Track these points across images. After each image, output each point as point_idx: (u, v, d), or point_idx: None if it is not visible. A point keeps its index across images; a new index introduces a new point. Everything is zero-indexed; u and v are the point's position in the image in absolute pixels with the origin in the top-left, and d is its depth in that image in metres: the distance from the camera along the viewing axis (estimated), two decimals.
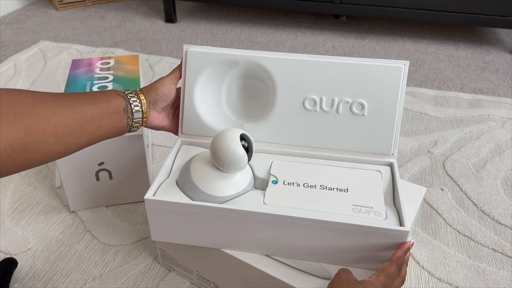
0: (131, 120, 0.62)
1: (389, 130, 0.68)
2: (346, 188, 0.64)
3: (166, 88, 0.67)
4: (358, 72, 0.68)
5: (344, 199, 0.62)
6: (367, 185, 0.65)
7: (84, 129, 0.55)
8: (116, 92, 0.61)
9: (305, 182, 0.65)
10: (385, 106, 0.68)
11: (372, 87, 0.68)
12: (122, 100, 0.61)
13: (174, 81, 0.69)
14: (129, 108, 0.62)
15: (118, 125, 0.60)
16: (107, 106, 0.58)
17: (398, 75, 0.70)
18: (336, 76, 0.68)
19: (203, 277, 0.73)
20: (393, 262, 0.55)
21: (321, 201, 0.62)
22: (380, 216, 0.60)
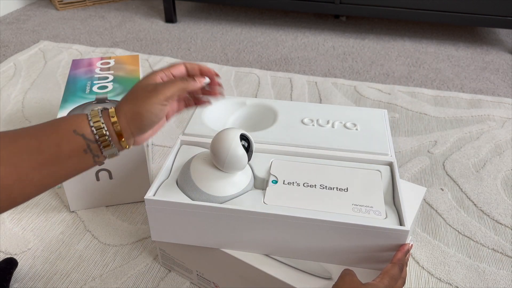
0: (102, 157, 0.50)
1: (383, 137, 0.75)
2: (346, 187, 0.64)
3: (156, 116, 0.50)
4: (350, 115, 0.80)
5: (344, 198, 0.62)
6: (367, 184, 0.65)
7: (24, 182, 0.45)
8: (74, 128, 0.47)
9: (305, 181, 0.65)
10: (375, 129, 0.77)
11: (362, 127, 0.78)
12: (80, 140, 0.47)
13: (167, 101, 0.50)
14: (94, 147, 0.48)
15: (79, 166, 0.48)
16: (56, 154, 0.46)
17: (382, 118, 0.80)
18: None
19: (203, 277, 0.73)
20: (395, 264, 0.55)
21: (321, 201, 0.62)
22: (380, 215, 0.59)
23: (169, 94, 0.50)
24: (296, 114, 0.79)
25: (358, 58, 1.60)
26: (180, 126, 1.18)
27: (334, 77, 1.46)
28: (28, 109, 1.25)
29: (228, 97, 0.83)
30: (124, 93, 0.97)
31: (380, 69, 1.52)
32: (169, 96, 0.50)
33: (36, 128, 0.47)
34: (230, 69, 1.49)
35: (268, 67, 1.52)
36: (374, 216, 0.60)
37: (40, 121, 1.19)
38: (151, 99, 0.49)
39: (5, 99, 1.30)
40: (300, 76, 1.45)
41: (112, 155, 0.50)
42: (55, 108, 1.25)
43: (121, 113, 0.50)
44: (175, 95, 0.51)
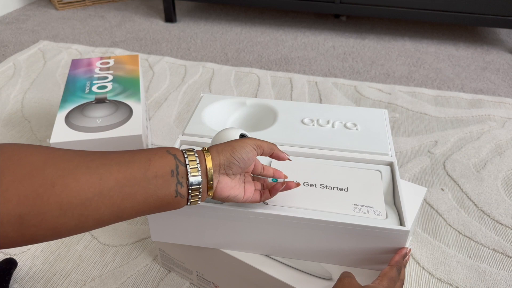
0: (185, 187, 0.47)
1: (383, 137, 0.74)
2: (346, 187, 0.64)
3: (247, 153, 0.52)
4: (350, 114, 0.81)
5: (344, 198, 0.62)
6: (367, 184, 0.64)
7: (104, 198, 0.42)
8: (167, 149, 0.48)
9: (305, 180, 0.65)
10: (375, 129, 0.77)
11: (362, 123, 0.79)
12: (171, 159, 0.46)
13: (257, 149, 0.54)
14: (181, 170, 0.47)
15: (161, 193, 0.45)
16: (145, 167, 0.45)
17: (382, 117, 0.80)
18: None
19: (203, 278, 0.73)
20: (393, 266, 0.56)
21: (322, 200, 0.62)
22: (381, 215, 0.59)
23: (259, 143, 0.54)
24: (296, 114, 0.79)
25: (359, 58, 1.60)
26: (180, 126, 1.18)
27: (334, 77, 1.46)
28: (27, 109, 1.25)
29: (228, 97, 0.83)
30: (123, 93, 0.97)
31: (380, 69, 1.52)
32: (259, 144, 0.54)
33: (129, 150, 0.48)
34: (230, 69, 1.49)
35: (268, 67, 1.52)
36: (375, 216, 0.59)
37: (40, 121, 1.20)
38: (247, 140, 0.53)
39: (4, 99, 1.30)
40: (300, 76, 1.44)
41: (194, 197, 0.48)
42: (54, 108, 1.25)
43: (213, 147, 0.52)
44: (265, 148, 0.54)
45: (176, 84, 1.39)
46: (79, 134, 0.84)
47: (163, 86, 1.37)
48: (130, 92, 0.97)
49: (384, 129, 0.76)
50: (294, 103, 0.83)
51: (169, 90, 1.35)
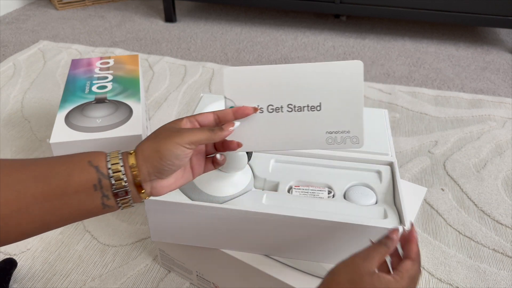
0: (112, 199, 0.45)
1: (383, 137, 0.73)
2: (318, 103, 0.51)
3: (177, 157, 0.46)
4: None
5: (316, 122, 0.51)
6: (344, 94, 0.51)
7: (23, 214, 0.41)
8: (89, 159, 0.44)
9: (269, 103, 0.51)
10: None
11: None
12: (93, 172, 0.43)
13: (191, 146, 0.46)
14: (105, 183, 0.44)
15: (86, 206, 0.44)
16: (64, 183, 0.42)
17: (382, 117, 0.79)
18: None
19: (203, 278, 0.73)
20: (415, 261, 0.46)
21: (289, 131, 0.52)
22: (358, 143, 0.51)
23: (194, 139, 0.46)
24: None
25: (359, 58, 1.60)
26: None
27: None
28: (27, 109, 1.25)
29: None
30: (123, 93, 0.97)
31: (380, 69, 1.52)
32: (193, 141, 0.46)
33: (51, 158, 0.45)
34: None
35: None
36: (350, 145, 0.51)
37: (40, 121, 1.20)
38: (173, 138, 0.46)
39: (4, 99, 1.30)
40: None
41: (125, 203, 0.46)
42: (54, 108, 1.25)
43: (139, 151, 0.46)
44: (200, 142, 0.47)
45: (176, 84, 1.39)
46: (79, 134, 0.84)
47: (163, 86, 1.37)
48: (130, 92, 0.97)
49: (384, 129, 0.75)
50: None
51: (169, 90, 1.35)
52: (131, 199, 0.46)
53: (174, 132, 0.46)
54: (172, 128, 0.47)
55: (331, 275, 0.45)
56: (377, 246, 0.46)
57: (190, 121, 0.49)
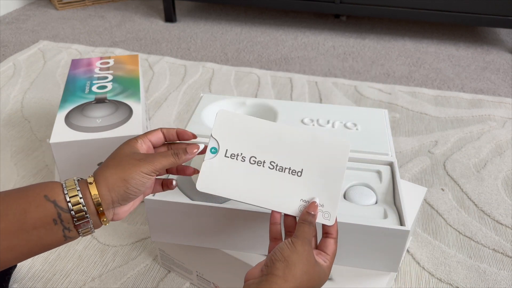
0: (74, 230, 0.44)
1: (383, 137, 0.73)
2: (300, 169, 0.51)
3: (143, 185, 0.47)
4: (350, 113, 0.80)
5: (294, 187, 0.51)
6: (328, 163, 0.51)
7: None
8: (45, 193, 0.43)
9: (253, 155, 0.51)
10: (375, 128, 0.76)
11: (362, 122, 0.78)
12: (51, 207, 0.42)
13: (154, 174, 0.47)
14: (66, 217, 0.43)
15: (46, 241, 0.43)
16: (20, 221, 0.41)
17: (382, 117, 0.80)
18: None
19: (203, 278, 0.73)
20: (336, 238, 0.50)
21: (264, 188, 0.51)
22: (329, 219, 0.49)
23: (159, 166, 0.47)
24: (296, 114, 0.79)
25: (359, 57, 1.60)
26: (180, 126, 1.18)
27: (334, 77, 1.46)
28: (27, 109, 1.25)
29: (228, 97, 0.83)
30: (123, 93, 0.97)
31: (380, 69, 1.52)
32: (158, 168, 0.47)
33: (4, 193, 0.43)
34: (230, 69, 1.48)
35: (268, 67, 1.52)
36: (321, 219, 0.49)
37: (39, 121, 1.20)
38: (140, 167, 0.46)
39: (4, 99, 1.30)
40: (300, 76, 1.44)
41: (86, 231, 0.45)
42: (54, 108, 1.25)
43: (102, 179, 0.45)
44: (165, 168, 0.48)
45: (176, 84, 1.39)
46: (79, 134, 0.84)
47: (163, 86, 1.37)
48: (130, 92, 0.97)
49: (384, 129, 0.75)
50: (294, 103, 0.83)
51: (169, 90, 1.35)
52: (92, 227, 0.45)
53: (139, 160, 0.46)
54: (135, 155, 0.47)
55: (284, 264, 0.44)
56: (308, 227, 0.48)
57: (144, 142, 0.50)
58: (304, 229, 0.47)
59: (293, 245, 0.45)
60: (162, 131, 0.52)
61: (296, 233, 0.47)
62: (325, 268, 0.47)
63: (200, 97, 0.83)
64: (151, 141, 0.51)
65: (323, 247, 0.49)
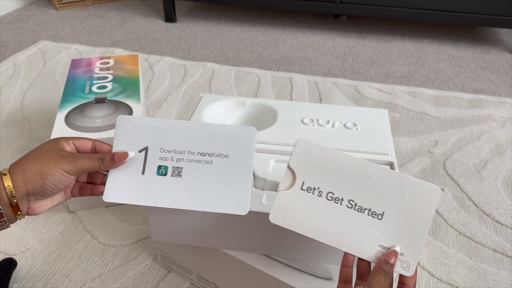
0: None
1: (383, 137, 0.73)
2: (382, 211, 0.47)
3: (62, 182, 0.46)
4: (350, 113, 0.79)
5: (372, 230, 0.47)
6: (414, 208, 0.47)
7: None
8: None
9: (331, 190, 0.49)
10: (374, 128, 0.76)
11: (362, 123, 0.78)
12: None
13: (74, 173, 0.46)
14: None
15: None
16: None
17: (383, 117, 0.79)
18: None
19: (203, 278, 0.73)
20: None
21: (340, 230, 0.48)
22: (408, 270, 0.46)
23: (80, 167, 0.46)
24: (296, 114, 0.79)
25: (359, 57, 1.60)
26: None
27: (334, 77, 1.46)
28: (27, 109, 1.25)
29: (228, 97, 0.83)
30: (123, 93, 0.97)
31: (380, 69, 1.52)
32: (79, 169, 0.46)
33: None
34: (230, 69, 1.48)
35: (268, 67, 1.52)
36: (400, 269, 0.46)
37: (39, 121, 1.20)
38: (61, 164, 0.45)
39: (4, 99, 1.30)
40: (300, 76, 1.44)
41: (1, 225, 0.44)
42: (54, 108, 1.25)
43: (19, 170, 0.44)
44: (86, 171, 0.47)
45: (176, 84, 1.39)
46: (79, 134, 0.84)
47: (163, 86, 1.37)
48: (130, 92, 0.97)
49: (384, 129, 0.75)
50: (294, 103, 0.83)
51: (169, 90, 1.35)
52: (6, 221, 0.44)
53: (60, 157, 0.45)
54: (59, 151, 0.46)
55: None
56: (383, 278, 0.44)
57: (68, 144, 0.48)
58: (379, 279, 0.44)
59: None
60: (94, 144, 0.50)
61: (370, 282, 0.44)
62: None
63: (200, 97, 0.83)
64: (75, 145, 0.49)
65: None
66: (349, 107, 0.82)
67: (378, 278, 0.44)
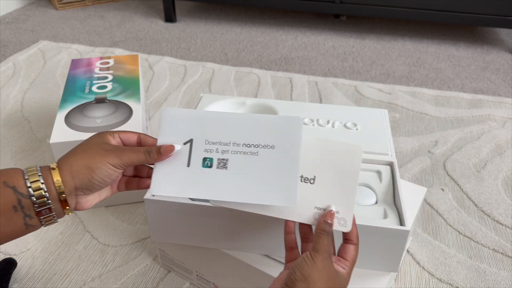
0: (36, 218, 0.43)
1: (383, 137, 0.73)
2: (313, 176, 0.50)
3: (109, 176, 0.45)
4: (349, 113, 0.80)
5: (306, 195, 0.49)
6: (341, 168, 0.50)
7: None
8: (4, 180, 0.42)
9: None
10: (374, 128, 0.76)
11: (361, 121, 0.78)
12: (10, 193, 0.41)
13: (121, 168, 0.46)
14: (26, 203, 0.42)
15: (7, 230, 0.42)
16: None
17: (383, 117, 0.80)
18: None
19: (203, 278, 0.73)
20: (357, 244, 0.48)
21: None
22: (345, 226, 0.48)
23: (127, 160, 0.45)
24: (296, 114, 0.79)
25: (359, 57, 1.60)
26: None
27: (334, 77, 1.46)
28: (27, 109, 1.25)
29: (228, 97, 0.83)
30: (123, 93, 0.97)
31: (380, 69, 1.52)
32: (126, 163, 0.46)
33: None
34: (230, 69, 1.48)
35: (268, 67, 1.52)
36: (338, 226, 0.48)
37: (39, 121, 1.20)
38: (107, 158, 0.44)
39: (4, 99, 1.30)
40: (300, 76, 1.44)
41: (49, 220, 0.44)
42: (54, 108, 1.25)
43: (66, 165, 0.44)
44: (133, 164, 0.46)
45: (176, 84, 1.39)
46: (79, 134, 0.84)
47: (163, 86, 1.37)
48: (130, 92, 0.97)
49: (384, 129, 0.75)
50: (294, 103, 0.83)
51: (169, 90, 1.35)
52: (55, 216, 0.44)
53: (106, 151, 0.45)
54: (105, 145, 0.46)
55: (305, 285, 0.42)
56: (326, 239, 0.45)
57: (114, 137, 0.48)
58: (323, 241, 0.45)
59: (313, 261, 0.43)
60: (139, 137, 0.50)
61: (315, 245, 0.45)
62: (345, 275, 0.46)
63: (200, 97, 0.83)
64: (121, 138, 0.49)
65: (342, 253, 0.48)
66: (349, 107, 0.82)
67: (322, 240, 0.45)
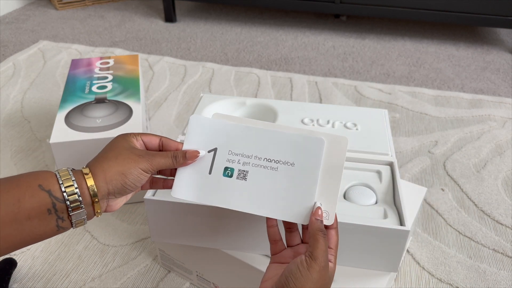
0: (68, 220, 0.44)
1: (383, 137, 0.73)
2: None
3: (140, 181, 0.47)
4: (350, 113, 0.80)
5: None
6: (326, 160, 0.50)
7: None
8: (40, 183, 0.42)
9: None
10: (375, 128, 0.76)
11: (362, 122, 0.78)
12: (45, 196, 0.42)
13: (150, 171, 0.48)
14: (60, 207, 0.43)
15: (39, 231, 0.43)
16: (13, 210, 0.41)
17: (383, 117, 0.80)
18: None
19: (203, 278, 0.73)
20: (337, 228, 0.49)
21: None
22: (327, 219, 0.48)
23: (157, 166, 0.48)
24: (296, 114, 0.79)
25: (359, 58, 1.60)
26: (180, 126, 1.18)
27: (334, 77, 1.46)
28: (27, 109, 1.25)
29: (228, 97, 0.83)
30: (123, 93, 0.97)
31: (380, 69, 1.52)
32: (156, 168, 0.48)
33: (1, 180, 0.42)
34: (230, 69, 1.48)
35: (268, 67, 1.52)
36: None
37: (39, 121, 1.20)
38: (139, 163, 0.46)
39: (4, 99, 1.30)
40: (300, 76, 1.44)
41: (79, 222, 0.45)
42: (54, 108, 1.25)
43: (99, 170, 0.45)
44: (161, 168, 0.48)
45: (176, 84, 1.39)
46: (79, 134, 0.84)
47: (163, 86, 1.37)
48: (130, 92, 0.97)
49: (384, 129, 0.75)
50: (294, 103, 0.83)
51: (169, 90, 1.35)
52: (85, 218, 0.45)
53: (138, 156, 0.47)
54: (133, 150, 0.48)
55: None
56: (322, 240, 0.45)
57: (137, 140, 0.50)
58: (321, 246, 0.44)
59: (308, 272, 0.43)
60: (161, 140, 0.52)
61: (312, 251, 0.44)
62: (333, 268, 0.47)
63: (200, 97, 0.83)
64: (143, 141, 0.51)
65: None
66: (349, 107, 0.82)
67: (319, 245, 0.44)
